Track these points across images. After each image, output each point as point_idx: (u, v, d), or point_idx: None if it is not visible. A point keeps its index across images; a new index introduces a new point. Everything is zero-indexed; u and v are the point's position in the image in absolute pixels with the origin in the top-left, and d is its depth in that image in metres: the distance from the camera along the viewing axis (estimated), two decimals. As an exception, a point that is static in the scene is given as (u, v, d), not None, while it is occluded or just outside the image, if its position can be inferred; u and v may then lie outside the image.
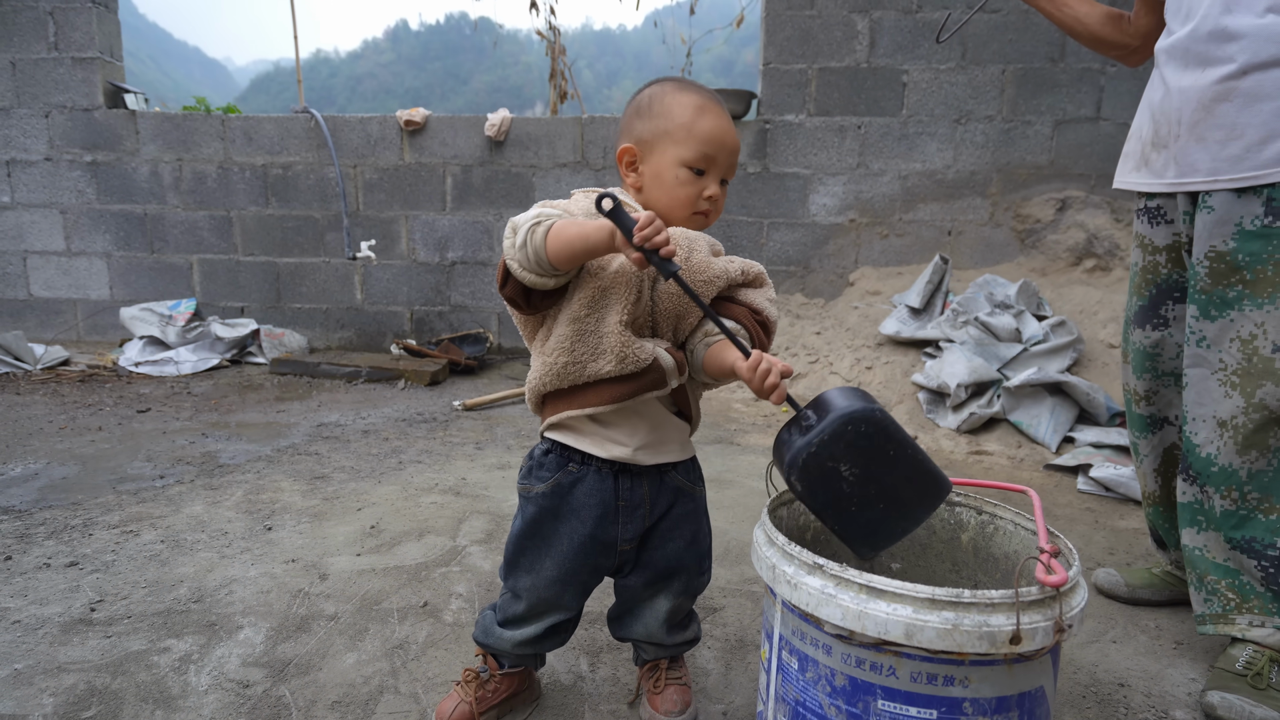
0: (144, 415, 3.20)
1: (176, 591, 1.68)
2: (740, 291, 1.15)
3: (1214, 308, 1.40)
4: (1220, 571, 1.42)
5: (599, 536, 1.14)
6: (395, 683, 1.37)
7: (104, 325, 4.62)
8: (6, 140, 4.41)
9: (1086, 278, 3.93)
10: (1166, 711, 1.34)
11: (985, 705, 0.88)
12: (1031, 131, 4.12)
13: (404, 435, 2.97)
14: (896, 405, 3.22)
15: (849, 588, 0.89)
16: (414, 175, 4.43)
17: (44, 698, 1.29)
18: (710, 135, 1.10)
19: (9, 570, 1.75)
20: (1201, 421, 1.43)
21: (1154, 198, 1.55)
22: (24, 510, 2.12)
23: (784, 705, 1.00)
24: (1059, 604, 0.87)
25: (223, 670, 1.39)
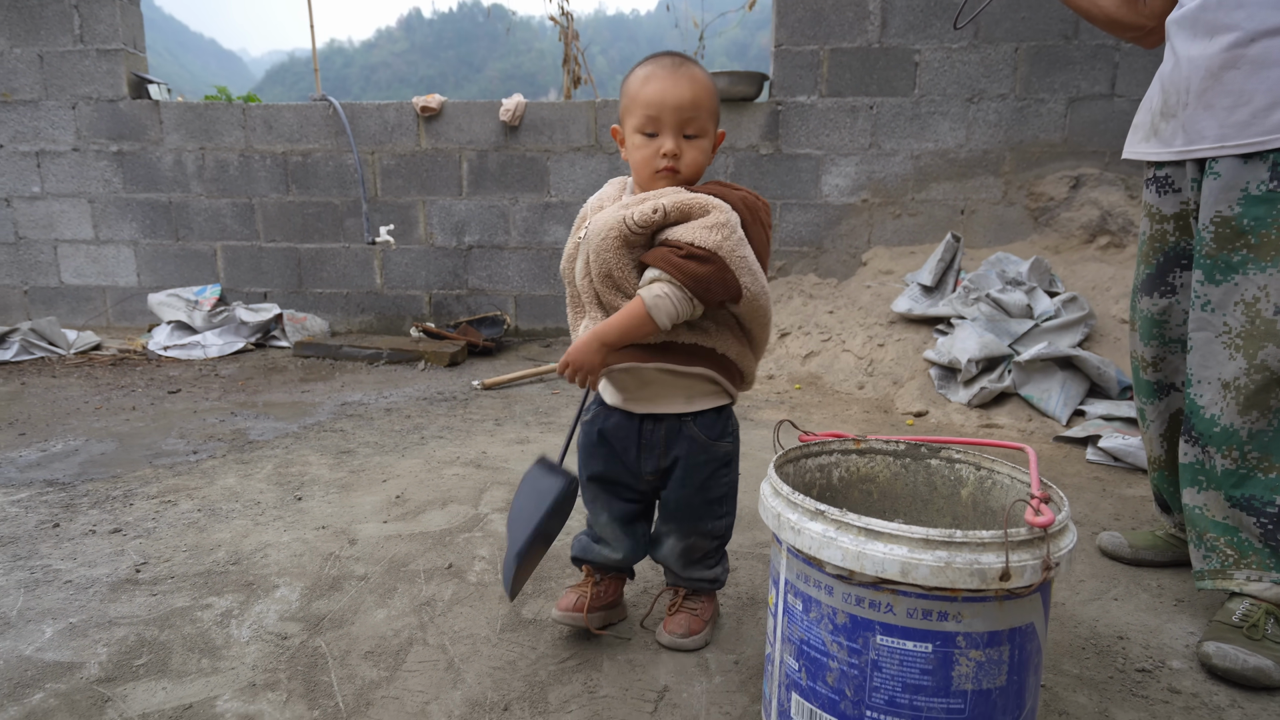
0: (174, 396, 3.31)
1: (215, 555, 1.76)
2: (667, 231, 1.20)
3: (1219, 272, 1.43)
4: (1219, 529, 1.46)
5: (623, 459, 1.37)
6: (424, 635, 1.44)
7: (132, 311, 4.74)
8: (36, 131, 4.53)
9: (1100, 255, 3.93)
10: (1163, 661, 1.39)
11: (978, 639, 0.93)
12: (1045, 109, 4.11)
13: (425, 413, 3.05)
14: (908, 381, 3.25)
15: (848, 531, 0.95)
16: (430, 161, 4.50)
17: (98, 648, 1.38)
18: (650, 99, 1.23)
19: (58, 536, 1.85)
20: (1205, 384, 1.47)
21: (1162, 167, 1.58)
22: (68, 483, 2.22)
23: (790, 645, 1.06)
24: (1047, 544, 0.92)
25: (262, 624, 1.47)
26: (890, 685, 0.96)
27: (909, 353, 3.42)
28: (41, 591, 1.58)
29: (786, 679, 1.07)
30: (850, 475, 1.30)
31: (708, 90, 1.26)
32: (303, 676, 1.31)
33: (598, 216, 1.25)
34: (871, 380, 3.40)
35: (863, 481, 1.31)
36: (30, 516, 1.96)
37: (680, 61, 1.26)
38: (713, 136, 1.29)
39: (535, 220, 4.53)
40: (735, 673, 1.33)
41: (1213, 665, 1.33)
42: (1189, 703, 1.27)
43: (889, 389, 3.30)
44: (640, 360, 1.25)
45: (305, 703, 1.24)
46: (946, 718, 0.95)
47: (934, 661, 0.94)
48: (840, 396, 3.36)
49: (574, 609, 1.39)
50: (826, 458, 1.29)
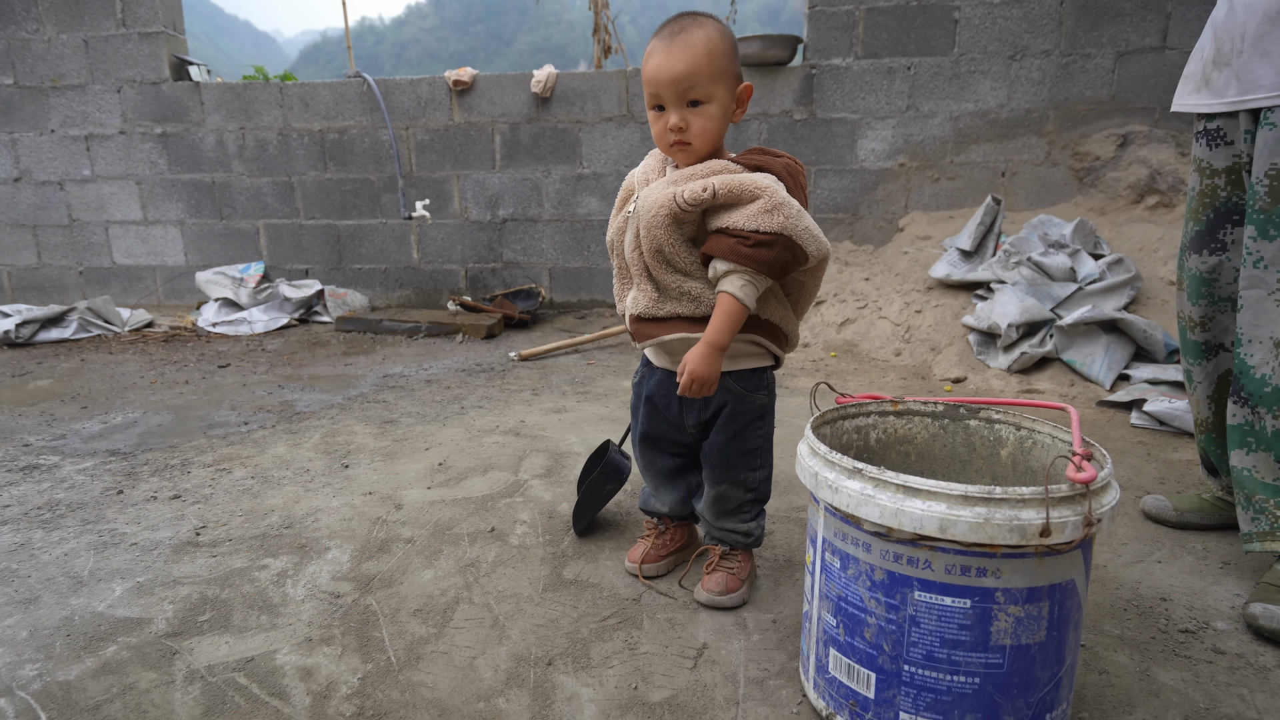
0: (224, 370, 3.41)
1: (269, 519, 1.83)
2: (721, 218, 1.23)
3: (1273, 227, 1.38)
4: (1269, 491, 1.43)
5: (666, 414, 1.44)
6: (469, 595, 1.49)
7: (181, 289, 4.88)
8: (84, 116, 4.64)
9: (1148, 215, 3.81)
10: (1208, 623, 1.37)
11: (1017, 595, 0.94)
12: (1091, 65, 3.96)
13: (464, 384, 3.10)
14: (946, 348, 3.21)
15: (886, 488, 0.95)
16: (464, 135, 4.51)
17: (164, 605, 1.45)
18: (650, 75, 1.25)
19: (122, 502, 1.94)
20: (1257, 343, 1.43)
21: (1214, 119, 1.52)
22: (128, 452, 2.31)
23: (827, 602, 1.07)
24: (1088, 500, 0.91)
25: (315, 584, 1.53)
26: (928, 640, 0.96)
27: (947, 319, 3.37)
28: (110, 553, 1.66)
29: (824, 635, 1.09)
30: (887, 437, 1.30)
31: (706, 54, 1.22)
32: (356, 632, 1.36)
33: (646, 192, 1.27)
34: (908, 347, 3.36)
35: (900, 443, 1.30)
36: (96, 484, 2.06)
37: (680, 28, 1.24)
38: (724, 99, 1.26)
39: (568, 192, 4.53)
40: (773, 631, 1.35)
41: (1259, 626, 1.31)
42: (1233, 663, 1.26)
43: (926, 355, 3.26)
44: (685, 329, 1.31)
45: (359, 656, 1.29)
46: (985, 672, 0.96)
47: (972, 617, 0.94)
48: (876, 364, 3.33)
49: (649, 560, 1.53)
50: (864, 419, 1.29)
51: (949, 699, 0.97)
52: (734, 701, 1.17)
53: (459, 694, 1.19)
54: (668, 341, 1.33)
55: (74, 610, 1.43)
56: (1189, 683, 1.21)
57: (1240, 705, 1.16)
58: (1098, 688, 1.20)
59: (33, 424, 2.61)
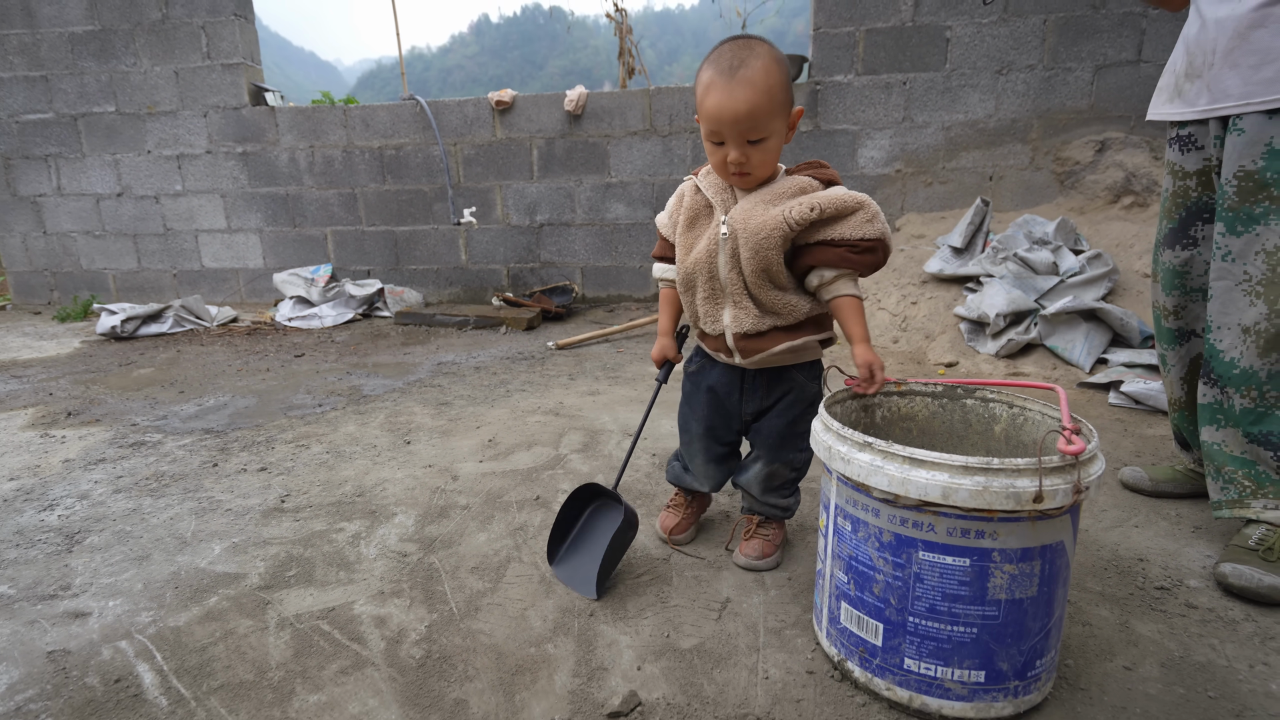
0: (300, 359, 3.46)
1: (343, 489, 1.86)
2: (825, 230, 1.19)
3: (1240, 224, 1.35)
4: (1237, 463, 1.40)
5: (724, 404, 1.40)
6: (519, 554, 1.51)
7: (260, 289, 4.96)
8: (176, 138, 4.72)
9: (1124, 214, 3.72)
10: (1181, 581, 1.35)
11: (1011, 554, 0.93)
12: (1072, 78, 3.87)
13: (509, 370, 3.12)
14: (939, 335, 3.17)
15: (894, 460, 0.95)
16: (505, 149, 4.52)
17: (257, 562, 1.49)
18: (711, 113, 1.15)
19: (217, 474, 1.98)
20: (1226, 329, 1.39)
21: (1186, 126, 1.49)
22: (221, 431, 2.36)
23: (840, 561, 1.07)
24: (1078, 470, 0.90)
25: (385, 544, 1.56)
26: (931, 595, 0.96)
27: (940, 309, 3.32)
28: (208, 517, 1.70)
29: (836, 590, 1.09)
30: (891, 414, 1.29)
31: (767, 92, 1.13)
32: (422, 586, 1.39)
33: (740, 217, 1.20)
34: (905, 335, 3.32)
35: (903, 420, 1.29)
36: (194, 458, 2.11)
37: (739, 61, 1.13)
38: (781, 131, 1.19)
39: (598, 199, 4.52)
40: (788, 588, 1.36)
41: (1229, 584, 1.29)
42: (1205, 616, 1.24)
43: (921, 343, 3.22)
44: (785, 339, 1.27)
45: (425, 607, 1.31)
46: (982, 623, 0.95)
47: (971, 574, 0.94)
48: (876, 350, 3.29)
49: (676, 530, 1.51)
50: (870, 399, 1.28)
51: (949, 647, 0.97)
52: (755, 649, 1.18)
53: (513, 640, 1.21)
54: (778, 354, 1.27)
55: (180, 566, 1.47)
56: (1165, 634, 1.20)
57: (1211, 654, 1.15)
58: (1081, 638, 1.19)
59: (139, 406, 2.67)
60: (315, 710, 1.05)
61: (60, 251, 5.05)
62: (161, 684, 1.12)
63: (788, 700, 1.05)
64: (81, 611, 1.31)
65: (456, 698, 1.08)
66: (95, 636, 1.24)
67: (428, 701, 1.07)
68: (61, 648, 1.21)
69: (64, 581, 1.42)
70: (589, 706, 1.05)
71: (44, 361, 3.48)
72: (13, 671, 1.15)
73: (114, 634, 1.24)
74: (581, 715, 1.03)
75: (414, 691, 1.09)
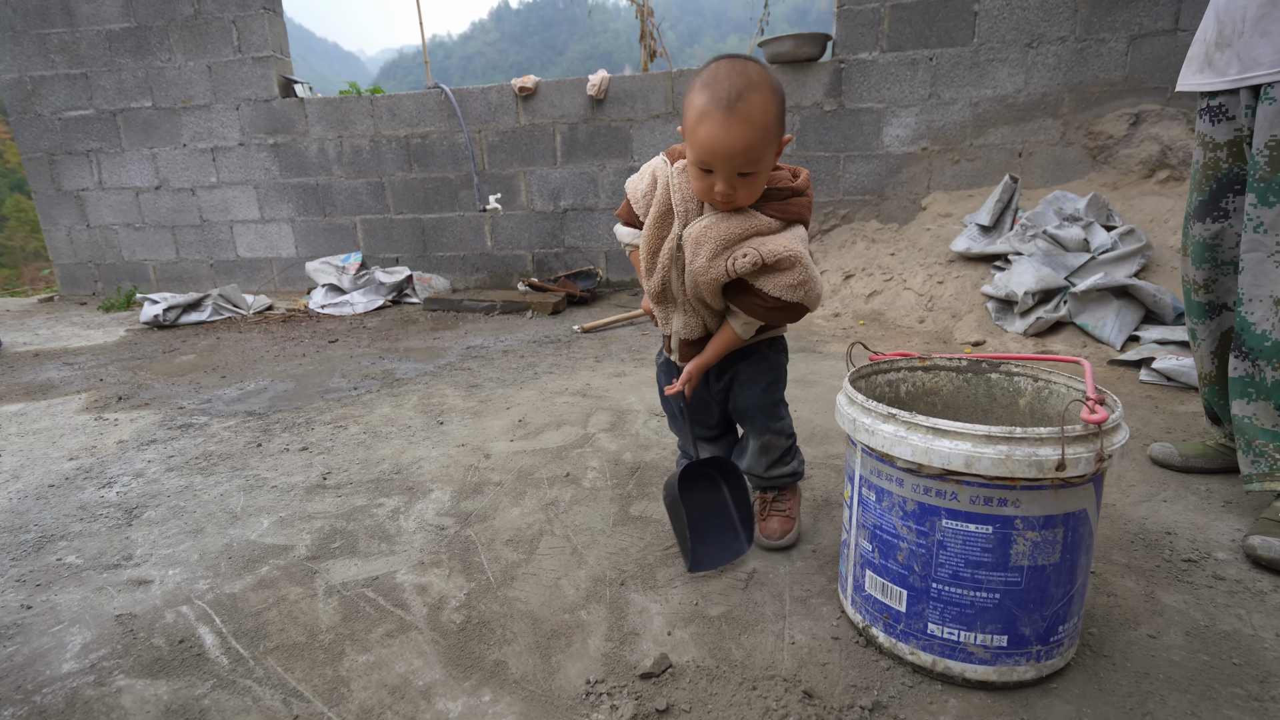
0: (334, 345, 3.56)
1: (381, 466, 1.93)
2: (758, 279, 1.19)
3: (1272, 194, 1.33)
4: (1268, 436, 1.40)
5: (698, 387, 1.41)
6: (551, 528, 1.56)
7: (293, 277, 5.07)
8: (210, 131, 4.83)
9: (1159, 188, 3.63)
10: (1209, 553, 1.35)
11: (1034, 522, 0.95)
12: (1105, 49, 3.77)
13: (536, 353, 3.18)
14: (966, 315, 3.15)
15: (918, 430, 0.97)
16: (528, 135, 4.55)
17: (303, 534, 1.56)
18: (704, 144, 1.09)
19: (261, 453, 2.07)
20: (1258, 301, 1.38)
21: (1216, 96, 1.46)
22: (262, 413, 2.45)
23: (864, 530, 1.10)
24: (1100, 439, 0.92)
25: (423, 518, 1.62)
26: (954, 562, 0.99)
27: (967, 289, 3.29)
28: (256, 494, 1.78)
29: (861, 559, 1.11)
30: (916, 389, 1.31)
31: (764, 129, 1.08)
32: (459, 557, 1.44)
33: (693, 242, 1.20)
34: (931, 315, 3.30)
35: (927, 394, 1.31)
36: (239, 439, 2.19)
37: (738, 94, 1.06)
38: (770, 162, 1.14)
39: (621, 183, 4.54)
40: (814, 559, 1.39)
41: (1258, 556, 1.29)
42: (1232, 588, 1.25)
43: (948, 322, 3.20)
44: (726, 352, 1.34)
45: (463, 576, 1.37)
46: (1005, 589, 0.98)
47: (994, 541, 0.96)
48: (902, 330, 3.28)
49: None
50: (895, 374, 1.30)
51: (972, 612, 0.99)
52: (781, 616, 1.21)
53: (548, 607, 1.26)
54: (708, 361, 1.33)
55: (232, 539, 1.55)
56: (1190, 604, 1.21)
57: (1237, 623, 1.15)
58: (1106, 608, 1.20)
59: (184, 391, 2.78)
60: (364, 669, 1.12)
61: (103, 244, 5.22)
62: (221, 644, 1.19)
63: (814, 664, 1.09)
64: (144, 579, 1.39)
65: (496, 659, 1.13)
66: (158, 602, 1.31)
67: (469, 662, 1.13)
68: (128, 612, 1.29)
69: (126, 552, 1.51)
70: (622, 668, 1.09)
71: (93, 349, 3.62)
72: (85, 633, 1.23)
73: (175, 600, 1.32)
74: (615, 676, 1.07)
75: (456, 653, 1.15)
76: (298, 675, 1.11)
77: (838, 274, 3.96)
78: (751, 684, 1.04)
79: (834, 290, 3.88)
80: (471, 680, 1.09)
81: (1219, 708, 0.98)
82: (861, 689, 1.03)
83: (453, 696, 1.05)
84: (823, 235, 4.37)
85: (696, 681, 1.05)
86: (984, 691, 1.02)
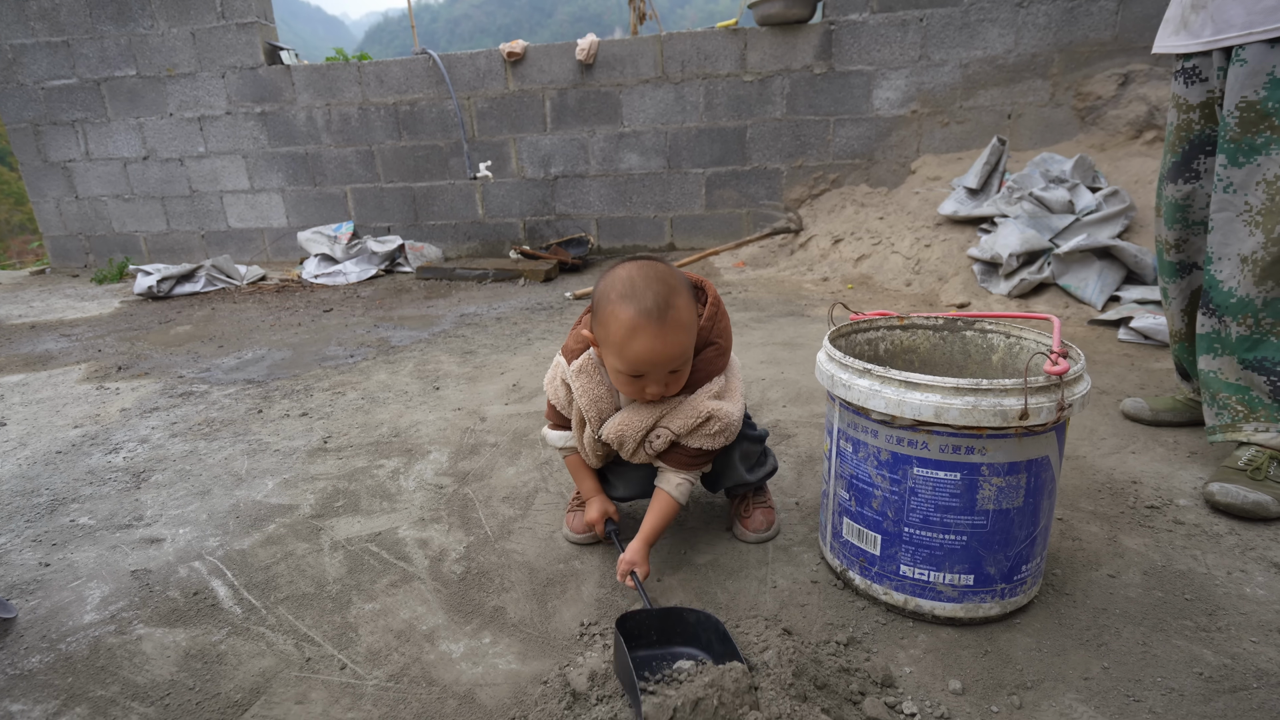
0: (328, 314, 3.58)
1: (380, 430, 1.98)
2: (685, 439, 1.19)
3: (1242, 154, 1.36)
4: (1231, 389, 1.45)
5: None
6: (545, 485, 1.61)
7: (285, 248, 5.06)
8: (196, 100, 4.76)
9: (1146, 149, 3.64)
10: (1171, 500, 1.42)
11: (999, 468, 1.00)
12: (1095, 7, 3.74)
13: (528, 320, 3.21)
14: (953, 277, 3.19)
15: (891, 384, 1.02)
16: (518, 101, 4.51)
17: (307, 495, 1.61)
18: (638, 358, 1.07)
19: (262, 419, 2.11)
20: (1225, 260, 1.42)
21: (1191, 58, 1.48)
22: (262, 381, 2.49)
23: (842, 480, 1.16)
24: (1061, 390, 0.97)
25: (423, 478, 1.67)
26: (924, 507, 1.04)
27: (954, 251, 3.33)
28: (259, 457, 1.83)
29: (839, 507, 1.17)
30: (894, 347, 1.35)
31: (690, 327, 1.10)
32: (458, 514, 1.50)
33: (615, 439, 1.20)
34: (918, 278, 3.34)
35: (905, 352, 1.36)
36: (240, 405, 2.23)
37: (664, 304, 1.06)
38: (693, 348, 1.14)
39: (611, 149, 4.51)
40: (796, 511, 1.45)
41: (1216, 501, 1.35)
42: (1191, 531, 1.31)
43: (934, 285, 3.24)
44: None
45: (463, 531, 1.43)
46: (971, 531, 1.03)
47: (961, 487, 1.02)
48: (889, 293, 3.32)
49: (585, 529, 1.35)
50: (874, 333, 1.34)
51: (941, 553, 1.05)
52: (764, 563, 1.28)
53: (543, 558, 1.32)
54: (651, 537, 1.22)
55: (239, 499, 1.60)
56: (1150, 546, 1.28)
57: (1192, 563, 1.22)
58: (1070, 551, 1.27)
59: (182, 360, 2.81)
60: (371, 616, 1.18)
61: (92, 215, 5.17)
62: (234, 596, 1.25)
63: (794, 605, 1.15)
64: (156, 538, 1.45)
65: (495, 605, 1.19)
66: (171, 558, 1.37)
67: (470, 608, 1.19)
68: (143, 567, 1.34)
69: (136, 513, 1.56)
70: (614, 611, 1.16)
71: (89, 321, 3.63)
72: (103, 587, 1.29)
73: (187, 556, 1.37)
74: (607, 619, 1.14)
75: (457, 600, 1.21)
76: (308, 622, 1.17)
77: (827, 238, 3.98)
78: (735, 623, 1.10)
79: (823, 255, 3.91)
80: (472, 624, 1.15)
81: (1169, 638, 1.05)
82: (838, 626, 1.10)
83: (455, 639, 1.12)
84: (812, 200, 4.37)
85: (684, 622, 1.11)
86: (952, 627, 1.09)
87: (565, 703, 0.96)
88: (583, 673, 0.99)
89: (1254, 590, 1.15)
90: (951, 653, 1.04)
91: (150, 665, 1.09)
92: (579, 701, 0.96)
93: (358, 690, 1.02)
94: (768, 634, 1.03)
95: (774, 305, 3.26)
